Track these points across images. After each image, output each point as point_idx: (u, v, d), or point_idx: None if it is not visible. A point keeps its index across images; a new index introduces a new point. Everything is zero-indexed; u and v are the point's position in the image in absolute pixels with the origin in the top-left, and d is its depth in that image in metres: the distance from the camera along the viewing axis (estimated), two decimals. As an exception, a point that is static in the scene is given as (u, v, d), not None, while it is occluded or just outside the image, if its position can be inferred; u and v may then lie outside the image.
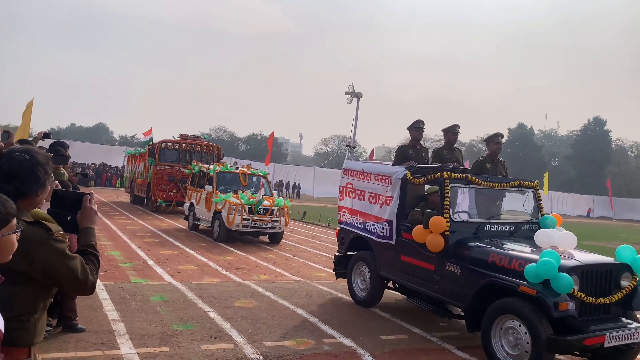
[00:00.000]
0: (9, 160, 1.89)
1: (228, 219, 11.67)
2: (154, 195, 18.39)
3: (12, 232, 1.60)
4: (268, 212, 12.04)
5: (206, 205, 12.91)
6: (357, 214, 6.95)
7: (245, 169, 13.87)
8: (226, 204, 11.85)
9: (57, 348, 4.49)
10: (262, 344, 5.05)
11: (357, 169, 7.09)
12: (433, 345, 5.50)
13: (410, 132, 7.32)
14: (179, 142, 19.11)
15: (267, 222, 12.04)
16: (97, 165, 36.67)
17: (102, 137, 76.58)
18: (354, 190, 7.08)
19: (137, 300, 6.28)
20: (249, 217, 11.76)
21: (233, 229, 11.80)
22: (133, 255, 9.35)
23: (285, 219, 12.50)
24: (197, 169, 14.58)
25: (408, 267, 6.03)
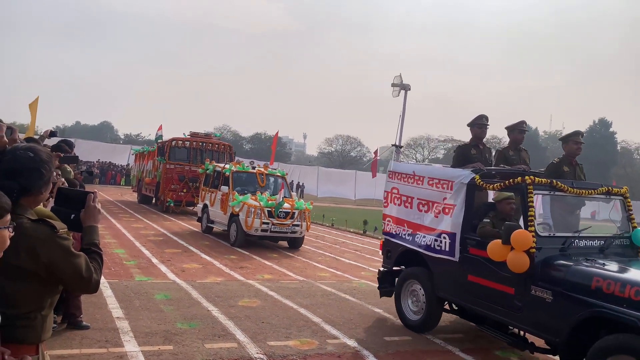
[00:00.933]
0: (13, 157, 1.89)
1: (246, 223, 10.92)
2: (164, 195, 17.69)
3: (5, 227, 1.60)
4: (288, 215, 11.26)
5: (222, 207, 12.22)
6: (403, 224, 6.13)
7: (263, 169, 12.99)
8: (244, 206, 11.12)
9: (62, 345, 4.50)
10: (266, 343, 5.05)
11: (406, 171, 6.23)
12: (437, 347, 5.48)
13: (472, 130, 6.37)
14: (190, 140, 18.44)
15: (287, 227, 11.27)
16: (102, 163, 36.79)
17: (107, 135, 76.82)
18: (400, 196, 6.23)
19: (141, 298, 6.29)
20: (269, 221, 11.00)
21: (251, 233, 11.04)
22: (137, 253, 9.37)
23: (307, 223, 11.73)
24: (211, 169, 13.79)
25: (477, 289, 5.09)
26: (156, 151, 19.39)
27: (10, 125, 2.31)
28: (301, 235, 11.80)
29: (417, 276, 5.95)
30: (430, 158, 74.92)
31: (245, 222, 10.97)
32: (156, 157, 19.01)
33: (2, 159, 1.88)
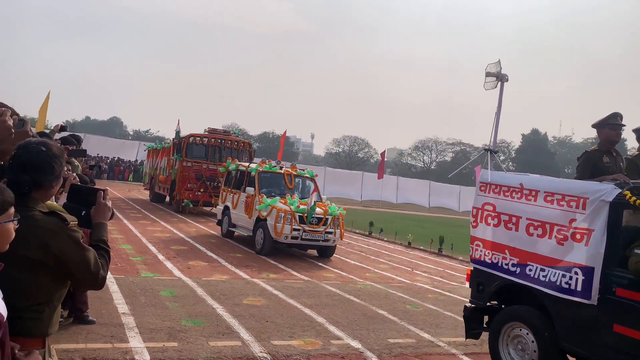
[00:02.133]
0: (26, 151, 1.92)
1: (275, 229, 9.93)
2: (179, 194, 16.65)
3: (9, 220, 1.62)
4: (321, 221, 10.29)
5: (246, 210, 11.19)
6: (504, 250, 4.84)
7: (290, 170, 11.92)
8: (272, 210, 10.09)
9: (68, 339, 4.54)
10: (270, 342, 5.06)
11: (509, 183, 4.97)
12: (441, 350, 5.47)
13: (602, 132, 5.01)
14: (208, 137, 17.33)
15: (319, 234, 10.28)
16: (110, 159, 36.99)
17: (116, 130, 77.19)
18: (498, 214, 4.98)
19: (147, 295, 6.33)
20: (300, 227, 10.03)
21: (280, 240, 10.08)
22: (144, 250, 9.41)
23: (341, 230, 10.69)
24: (233, 168, 12.61)
25: (630, 344, 3.87)
26: (171, 148, 18.43)
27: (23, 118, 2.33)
28: (334, 244, 10.86)
29: (526, 319, 4.66)
30: (437, 161, 74.71)
31: (274, 228, 9.97)
32: (172, 154, 18.08)
33: (15, 153, 1.91)
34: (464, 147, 73.41)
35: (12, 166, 1.90)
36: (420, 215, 32.98)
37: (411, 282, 9.37)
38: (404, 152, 77.67)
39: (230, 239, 12.01)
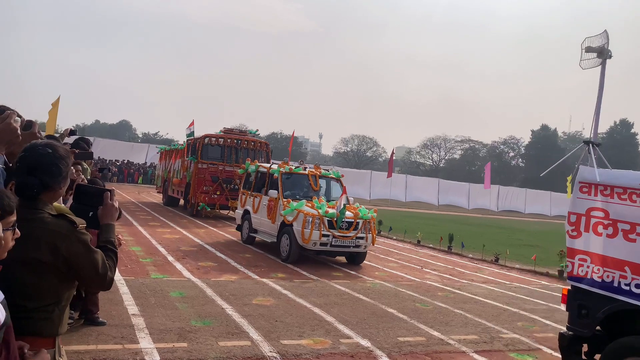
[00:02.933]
0: (32, 153, 1.93)
1: (302, 235, 9.23)
2: (195, 197, 15.95)
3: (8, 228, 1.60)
4: (352, 226, 9.57)
5: (269, 214, 10.44)
6: (624, 267, 4.01)
7: (314, 170, 11.10)
8: (299, 215, 9.40)
9: (79, 341, 4.57)
10: (279, 342, 5.06)
11: (625, 183, 4.16)
12: (451, 348, 5.45)
13: None
14: (224, 137, 16.53)
15: (350, 240, 9.54)
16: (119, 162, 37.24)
17: (125, 134, 77.73)
18: (614, 222, 4.14)
19: (157, 296, 6.36)
20: (329, 233, 9.31)
21: (309, 247, 9.38)
22: (153, 251, 9.47)
23: (372, 235, 9.97)
24: (253, 169, 11.87)
25: None
26: (185, 149, 17.64)
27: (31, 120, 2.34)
28: (365, 250, 10.15)
29: None
30: (446, 159, 74.40)
31: (301, 234, 9.27)
32: (186, 156, 17.31)
33: (21, 155, 1.92)
34: (473, 144, 73.05)
35: (19, 169, 1.90)
36: (429, 213, 32.85)
37: (421, 280, 9.34)
38: (412, 151, 77.45)
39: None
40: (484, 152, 72.34)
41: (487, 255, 13.20)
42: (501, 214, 45.36)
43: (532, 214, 49.27)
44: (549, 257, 13.65)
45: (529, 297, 8.73)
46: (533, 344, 5.88)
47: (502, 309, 7.55)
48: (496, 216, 40.16)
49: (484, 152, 72.34)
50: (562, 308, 4.67)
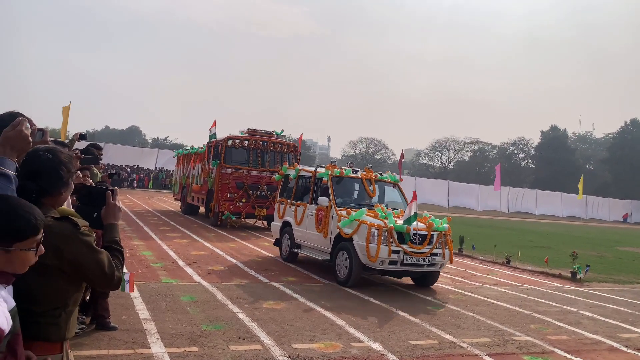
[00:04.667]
0: (33, 159, 1.93)
1: (367, 251, 7.66)
2: (218, 205, 14.63)
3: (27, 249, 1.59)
4: (425, 240, 8.02)
5: (318, 227, 8.97)
6: None
7: (368, 174, 9.62)
8: (361, 227, 7.84)
9: (90, 346, 4.58)
10: (290, 346, 5.05)
11: None
12: (464, 351, 5.40)
13: None
14: (249, 139, 15.09)
15: (424, 256, 7.91)
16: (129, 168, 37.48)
17: (135, 139, 78.30)
18: None
19: (168, 300, 6.37)
20: (400, 249, 7.74)
21: (375, 266, 7.76)
22: (164, 256, 9.49)
23: (450, 250, 8.34)
24: (293, 174, 10.28)
25: None
26: (206, 152, 16.37)
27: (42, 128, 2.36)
28: (440, 269, 8.50)
29: None
30: (455, 160, 74.08)
31: (365, 251, 7.68)
32: (206, 160, 16.14)
33: (23, 161, 1.92)
34: (482, 145, 72.71)
35: (20, 174, 1.91)
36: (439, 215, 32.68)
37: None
38: (421, 153, 77.26)
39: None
40: (493, 153, 72.01)
41: (499, 257, 13.10)
42: (512, 215, 45.06)
43: (543, 215, 48.89)
44: (560, 259, 13.53)
45: (542, 299, 8.64)
46: (547, 347, 5.81)
47: (514, 312, 7.48)
48: (507, 218, 39.89)
49: (493, 153, 72.01)
50: (575, 310, 4.50)
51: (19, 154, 1.95)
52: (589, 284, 10.67)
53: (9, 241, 1.52)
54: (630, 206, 56.26)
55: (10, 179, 1.77)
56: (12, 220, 1.53)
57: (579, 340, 6.23)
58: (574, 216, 50.78)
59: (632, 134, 65.72)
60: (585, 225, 39.03)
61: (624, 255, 17.28)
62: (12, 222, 1.52)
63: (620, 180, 63.40)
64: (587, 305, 8.35)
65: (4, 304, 1.50)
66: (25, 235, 1.56)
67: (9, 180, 1.77)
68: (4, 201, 1.58)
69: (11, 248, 1.53)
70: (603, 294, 9.71)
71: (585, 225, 39.03)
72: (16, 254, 1.55)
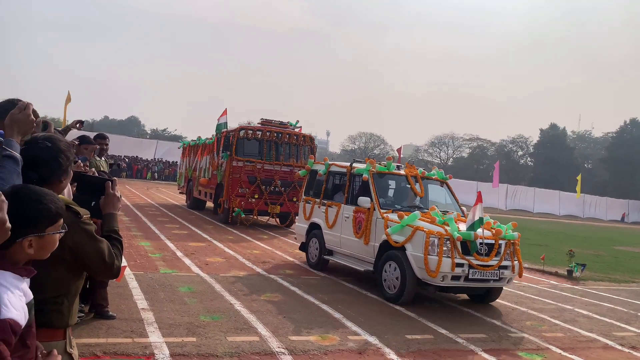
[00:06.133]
0: (32, 148, 1.95)
1: (426, 265, 6.47)
2: (229, 201, 13.57)
3: (57, 232, 1.65)
4: (492, 250, 6.79)
5: (357, 231, 7.79)
6: None
7: (412, 170, 8.38)
8: (417, 234, 6.69)
9: (89, 334, 4.61)
10: (287, 338, 5.08)
11: None
12: (459, 346, 5.44)
13: None
14: (262, 130, 14.00)
15: (492, 270, 6.71)
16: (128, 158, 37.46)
17: (134, 130, 78.15)
18: None
19: (166, 290, 6.40)
20: (464, 261, 6.54)
21: (435, 282, 6.56)
22: (162, 247, 9.51)
23: (519, 262, 7.07)
24: (322, 169, 9.11)
25: None
26: (215, 143, 15.33)
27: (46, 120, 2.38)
28: (507, 284, 7.31)
29: None
30: (454, 157, 74.12)
31: (425, 264, 6.49)
32: (215, 152, 15.16)
33: (22, 149, 1.93)
34: (482, 142, 72.72)
35: None
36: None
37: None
38: (420, 149, 77.24)
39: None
40: (492, 150, 72.02)
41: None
42: (509, 212, 45.13)
43: (540, 213, 48.99)
44: (557, 257, 13.58)
45: (538, 296, 8.69)
46: (542, 344, 5.86)
47: (510, 308, 7.52)
48: (505, 215, 39.91)
49: (492, 150, 72.02)
50: (571, 307, 4.56)
51: (22, 137, 1.97)
52: (585, 283, 10.73)
53: (42, 226, 1.58)
54: (628, 206, 56.40)
55: (18, 161, 1.80)
56: (44, 205, 1.58)
57: (574, 337, 6.28)
58: (571, 215, 50.91)
59: (632, 133, 65.74)
60: (583, 224, 39.15)
61: (621, 255, 17.35)
62: (45, 207, 1.58)
63: (618, 180, 63.50)
64: (583, 303, 8.40)
65: (23, 298, 1.52)
66: (56, 218, 1.62)
67: (16, 162, 1.80)
68: (32, 190, 1.63)
69: (44, 233, 1.58)
70: (599, 292, 9.76)
71: (583, 224, 39.15)
72: (48, 238, 1.61)
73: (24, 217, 1.53)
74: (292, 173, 13.80)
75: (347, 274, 8.76)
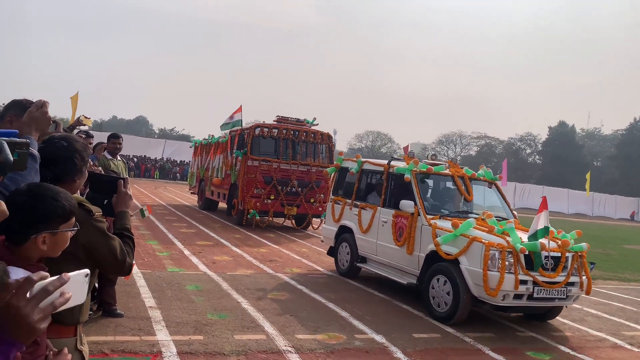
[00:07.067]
0: (48, 146, 1.99)
1: (486, 282, 5.62)
2: (244, 202, 12.95)
3: (70, 229, 1.67)
4: (559, 264, 5.93)
5: (397, 239, 6.98)
6: None
7: (457, 169, 7.60)
8: (474, 245, 5.86)
9: (97, 332, 4.65)
10: (294, 336, 5.09)
11: None
12: (467, 345, 5.42)
13: None
14: (279, 128, 13.41)
15: (559, 288, 5.87)
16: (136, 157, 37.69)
17: (142, 129, 78.59)
18: None
19: (173, 289, 6.43)
20: (529, 278, 5.72)
21: (494, 301, 5.77)
22: (170, 245, 9.56)
23: (587, 277, 6.18)
24: (354, 167, 8.26)
25: None
26: (229, 142, 14.88)
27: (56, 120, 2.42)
28: (572, 302, 6.53)
29: None
30: (462, 155, 73.88)
31: (484, 281, 5.65)
32: (229, 150, 14.65)
33: (40, 147, 1.96)
34: (489, 140, 72.41)
35: None
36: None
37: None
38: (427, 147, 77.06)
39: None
40: (500, 148, 71.70)
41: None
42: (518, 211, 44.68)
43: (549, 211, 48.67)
44: (566, 255, 13.48)
45: (546, 295, 8.62)
46: (550, 343, 5.83)
47: (518, 307, 7.48)
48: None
49: (500, 148, 71.70)
50: (579, 307, 4.49)
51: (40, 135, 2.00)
52: (594, 282, 10.64)
53: (56, 224, 1.60)
54: (638, 204, 55.91)
55: (36, 158, 1.85)
56: (59, 203, 1.60)
57: (582, 337, 6.24)
58: (580, 213, 50.57)
59: (641, 131, 65.20)
60: (592, 223, 38.88)
61: (630, 254, 17.22)
62: (59, 205, 1.60)
63: (628, 178, 62.95)
64: (592, 302, 8.34)
65: None
66: (69, 216, 1.64)
67: (35, 160, 1.83)
68: (47, 188, 1.65)
69: (58, 230, 1.61)
70: (608, 291, 9.69)
71: (592, 223, 38.88)
72: (61, 235, 1.63)
73: (39, 214, 1.56)
74: (309, 173, 13.36)
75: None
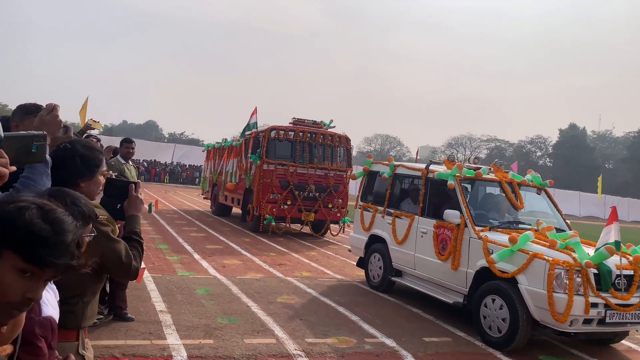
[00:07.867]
0: (57, 151, 2.04)
1: (552, 306, 4.88)
2: (260, 207, 12.45)
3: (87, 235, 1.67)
4: (632, 284, 5.17)
5: (440, 252, 6.31)
6: None
7: (505, 175, 6.78)
8: (535, 262, 5.13)
9: (108, 336, 4.67)
10: (304, 340, 5.08)
11: None
12: (478, 349, 5.38)
13: None
14: (295, 130, 12.86)
15: (633, 311, 5.09)
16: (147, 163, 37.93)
17: (152, 134, 79.10)
18: None
19: (184, 293, 6.45)
20: (601, 300, 4.95)
21: (561, 327, 5.00)
22: (180, 249, 9.60)
23: None
24: (387, 172, 7.58)
25: None
26: (243, 145, 14.39)
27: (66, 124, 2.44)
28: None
29: None
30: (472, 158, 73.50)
31: (549, 304, 4.91)
32: (244, 154, 14.16)
33: (53, 152, 2.01)
34: (499, 143, 72.01)
35: None
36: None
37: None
38: (437, 150, 76.75)
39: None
40: (511, 151, 71.26)
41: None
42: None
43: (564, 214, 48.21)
44: (578, 259, 13.34)
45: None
46: (563, 347, 5.77)
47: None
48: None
49: (511, 151, 71.26)
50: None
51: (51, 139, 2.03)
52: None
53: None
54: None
55: (47, 163, 1.88)
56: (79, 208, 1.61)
57: (594, 341, 6.16)
58: (592, 216, 50.09)
59: (654, 132, 64.50)
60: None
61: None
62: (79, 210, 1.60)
63: None
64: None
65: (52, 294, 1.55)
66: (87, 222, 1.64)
67: (46, 164, 1.87)
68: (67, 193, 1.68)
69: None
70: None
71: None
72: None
73: None
74: (327, 177, 12.88)
75: (362, 277, 8.75)
